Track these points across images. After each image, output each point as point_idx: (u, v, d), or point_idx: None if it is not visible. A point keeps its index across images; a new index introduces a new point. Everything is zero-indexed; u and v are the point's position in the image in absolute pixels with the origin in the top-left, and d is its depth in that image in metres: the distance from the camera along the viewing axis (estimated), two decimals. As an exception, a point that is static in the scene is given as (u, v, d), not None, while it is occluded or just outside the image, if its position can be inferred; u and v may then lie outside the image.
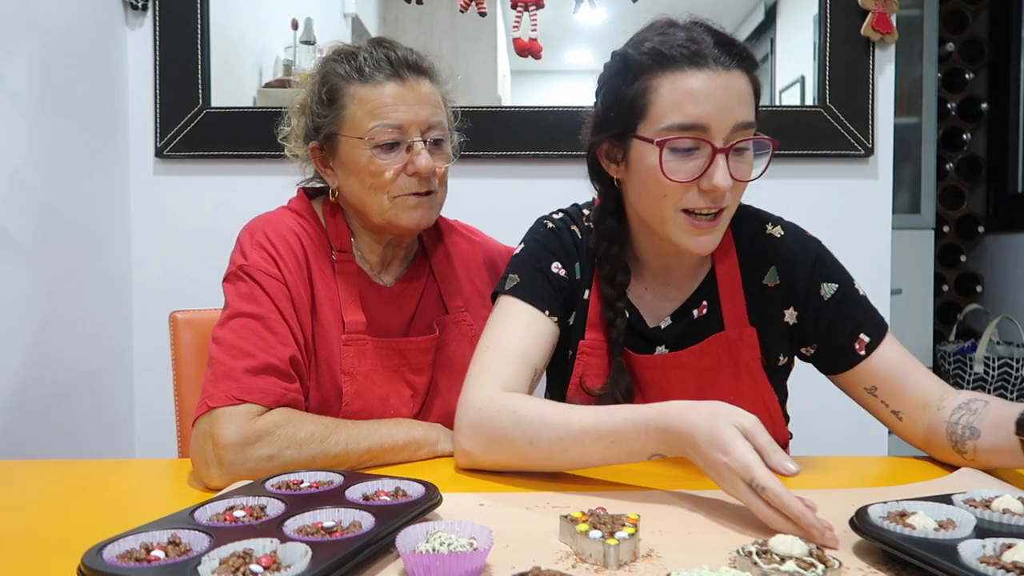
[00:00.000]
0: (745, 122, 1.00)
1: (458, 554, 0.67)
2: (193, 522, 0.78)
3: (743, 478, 0.80)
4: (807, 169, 1.81)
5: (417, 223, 1.16)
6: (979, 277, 3.27)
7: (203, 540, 0.73)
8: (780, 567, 0.66)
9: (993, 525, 0.79)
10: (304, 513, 0.79)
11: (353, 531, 0.75)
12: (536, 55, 1.81)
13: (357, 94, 1.12)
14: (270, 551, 0.70)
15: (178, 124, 1.80)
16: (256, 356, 1.02)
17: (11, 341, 1.34)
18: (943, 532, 0.76)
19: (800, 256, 1.15)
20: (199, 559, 0.67)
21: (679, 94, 0.99)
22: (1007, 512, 0.80)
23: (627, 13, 1.83)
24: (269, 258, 1.10)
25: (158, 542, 0.73)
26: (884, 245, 1.82)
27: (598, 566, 0.72)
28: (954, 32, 3.24)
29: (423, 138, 1.13)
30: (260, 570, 0.66)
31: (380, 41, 1.17)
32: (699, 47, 0.99)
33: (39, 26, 1.45)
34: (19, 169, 1.39)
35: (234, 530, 0.76)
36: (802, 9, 1.87)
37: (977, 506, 0.83)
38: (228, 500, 0.84)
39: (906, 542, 0.73)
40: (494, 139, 1.81)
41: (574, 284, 1.15)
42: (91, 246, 1.62)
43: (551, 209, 1.32)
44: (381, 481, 0.89)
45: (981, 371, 2.81)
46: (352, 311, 1.15)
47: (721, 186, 0.98)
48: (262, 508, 0.82)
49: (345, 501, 0.84)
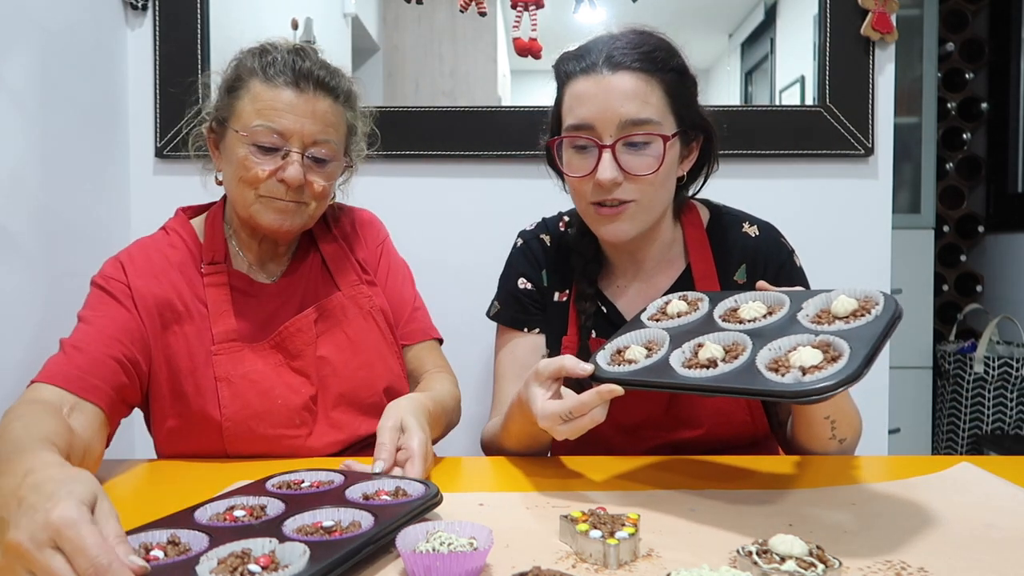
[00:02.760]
0: (633, 119, 1.07)
1: (458, 554, 0.67)
2: (193, 522, 0.78)
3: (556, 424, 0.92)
4: (807, 169, 1.81)
5: (277, 226, 1.16)
6: (979, 277, 3.27)
7: (202, 540, 0.73)
8: (780, 567, 0.66)
9: (678, 331, 0.98)
10: (304, 513, 0.79)
11: (352, 531, 0.76)
12: (536, 55, 1.81)
13: (253, 90, 1.14)
14: (268, 551, 0.70)
15: (178, 124, 1.80)
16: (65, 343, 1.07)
17: (11, 341, 1.34)
18: (654, 355, 0.94)
19: (772, 257, 1.20)
20: (197, 559, 0.68)
21: (572, 99, 1.11)
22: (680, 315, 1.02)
23: (627, 13, 1.83)
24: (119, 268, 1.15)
25: (157, 542, 0.73)
26: (884, 245, 1.82)
27: (598, 566, 0.72)
28: (954, 32, 3.24)
29: (303, 152, 1.13)
30: (258, 570, 0.66)
31: (299, 49, 1.18)
32: (592, 56, 1.10)
33: (39, 26, 1.45)
34: (19, 169, 1.39)
35: (233, 530, 0.76)
36: (802, 9, 1.87)
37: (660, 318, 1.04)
38: (228, 500, 0.85)
39: (637, 376, 0.91)
40: (494, 139, 1.81)
41: (542, 291, 1.27)
42: (91, 246, 1.62)
43: (550, 209, 1.34)
44: (382, 481, 0.89)
45: (981, 371, 2.81)
46: (221, 321, 1.16)
47: (604, 179, 1.08)
48: (262, 508, 0.83)
49: (345, 501, 0.84)
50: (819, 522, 0.85)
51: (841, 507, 0.89)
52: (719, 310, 1.00)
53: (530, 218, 1.35)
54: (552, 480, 1.00)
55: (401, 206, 1.35)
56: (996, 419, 2.83)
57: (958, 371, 2.89)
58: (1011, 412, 2.82)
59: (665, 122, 1.09)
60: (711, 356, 0.89)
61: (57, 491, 0.66)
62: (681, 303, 1.04)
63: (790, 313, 0.93)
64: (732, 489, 0.95)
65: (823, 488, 0.96)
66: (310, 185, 1.15)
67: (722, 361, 0.88)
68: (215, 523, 0.79)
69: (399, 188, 1.76)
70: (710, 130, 1.17)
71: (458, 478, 1.03)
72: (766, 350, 0.87)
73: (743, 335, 0.91)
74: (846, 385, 0.78)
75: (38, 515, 0.64)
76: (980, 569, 0.72)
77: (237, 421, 1.13)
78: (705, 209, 1.26)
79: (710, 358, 0.88)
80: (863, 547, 0.77)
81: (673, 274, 1.22)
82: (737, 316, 0.97)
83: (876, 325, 0.85)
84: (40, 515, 0.64)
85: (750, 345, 0.89)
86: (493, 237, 1.54)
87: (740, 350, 0.89)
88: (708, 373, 0.86)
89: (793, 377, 0.80)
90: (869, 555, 0.75)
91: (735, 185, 1.29)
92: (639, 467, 1.06)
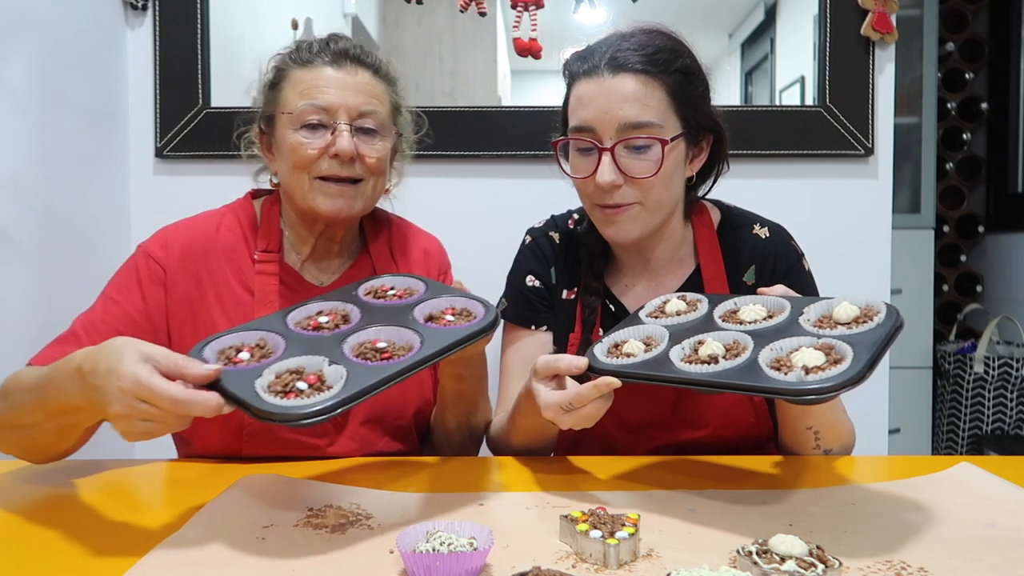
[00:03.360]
0: (633, 122, 1.07)
1: (458, 554, 0.67)
2: (284, 325, 0.94)
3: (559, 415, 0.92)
4: (807, 169, 1.81)
5: (336, 211, 1.15)
6: (979, 277, 3.26)
7: (281, 345, 0.89)
8: (780, 567, 0.66)
9: (677, 328, 0.98)
10: (368, 329, 0.92)
11: (401, 355, 0.87)
12: (536, 55, 1.81)
13: (293, 76, 1.15)
14: (317, 370, 0.84)
15: (178, 124, 1.80)
16: (72, 325, 1.11)
17: (11, 341, 1.34)
18: (653, 350, 0.93)
19: (781, 259, 1.20)
20: (260, 372, 0.82)
21: (575, 100, 1.12)
22: (679, 313, 1.02)
23: (627, 13, 1.83)
24: (164, 247, 1.16)
25: (247, 343, 0.90)
26: (884, 245, 1.82)
27: (598, 566, 0.72)
28: (954, 32, 3.23)
29: (350, 123, 1.13)
30: (305, 387, 0.80)
31: (332, 35, 1.19)
32: (595, 58, 1.10)
33: (39, 26, 1.45)
34: (19, 169, 1.39)
35: (307, 340, 0.91)
36: (802, 9, 1.87)
37: (658, 315, 1.03)
38: (319, 304, 0.99)
39: (635, 369, 0.91)
40: (494, 139, 1.81)
41: (551, 288, 1.26)
42: (91, 246, 1.62)
43: (550, 209, 1.34)
44: (452, 298, 1.00)
45: (981, 371, 2.81)
46: (265, 311, 1.14)
47: (602, 182, 1.08)
48: (344, 317, 0.97)
49: (408, 320, 0.94)
50: (819, 522, 0.85)
51: (841, 507, 0.89)
52: (719, 311, 1.00)
53: (530, 218, 1.35)
54: (552, 480, 1.00)
55: (400, 206, 1.35)
56: (996, 419, 2.83)
57: (958, 371, 2.89)
58: (1011, 412, 2.82)
59: (667, 124, 1.09)
60: (712, 352, 0.89)
61: (111, 363, 0.80)
62: (680, 302, 1.05)
63: (791, 317, 0.94)
64: (732, 489, 0.95)
65: (823, 488, 0.96)
66: (362, 159, 1.14)
67: (722, 358, 0.88)
68: (298, 330, 0.93)
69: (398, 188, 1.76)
70: (719, 131, 1.17)
71: (458, 478, 1.03)
72: (768, 349, 0.87)
73: (744, 335, 0.92)
74: (848, 387, 0.78)
75: (111, 388, 0.79)
76: (980, 569, 0.72)
77: (260, 424, 1.10)
78: (716, 210, 1.26)
79: (711, 354, 0.88)
80: (863, 547, 0.77)
81: (683, 274, 1.21)
82: (737, 318, 0.97)
83: (878, 331, 0.86)
84: (114, 388, 0.79)
85: (751, 345, 0.89)
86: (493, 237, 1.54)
87: (741, 349, 0.89)
88: (709, 368, 0.86)
89: (795, 376, 0.81)
90: (869, 555, 0.75)
91: (735, 185, 1.29)
92: (639, 467, 1.06)
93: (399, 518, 0.85)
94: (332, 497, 0.91)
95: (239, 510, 0.87)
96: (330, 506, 0.88)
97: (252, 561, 0.74)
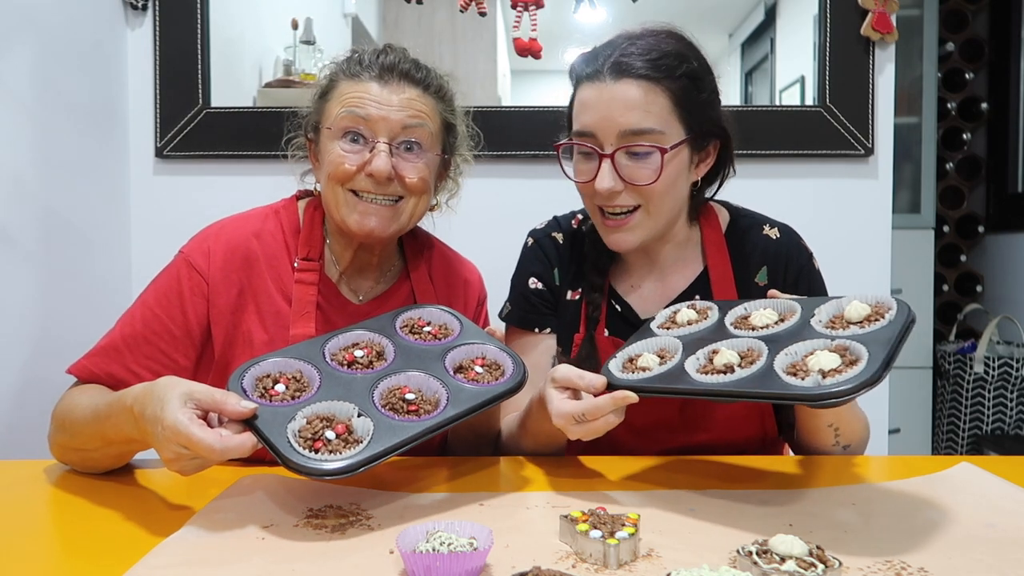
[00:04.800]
0: (634, 129, 1.06)
1: (458, 554, 0.67)
2: (322, 356, 0.97)
3: (571, 424, 0.92)
4: (807, 169, 1.81)
5: (368, 231, 1.12)
6: (979, 277, 3.27)
7: (316, 380, 0.93)
8: (780, 567, 0.66)
9: (689, 338, 0.98)
10: (399, 374, 0.95)
11: (426, 408, 0.91)
12: (536, 55, 1.81)
13: (341, 87, 1.13)
14: (347, 419, 0.88)
15: (178, 124, 1.80)
16: (112, 333, 1.12)
17: (11, 341, 1.34)
18: (668, 362, 0.93)
19: (793, 258, 1.20)
20: (293, 415, 0.86)
21: (578, 105, 1.12)
22: (690, 323, 1.01)
23: (627, 13, 1.83)
24: (205, 256, 1.14)
25: (285, 373, 0.93)
26: (884, 245, 1.82)
27: (598, 566, 0.72)
28: (954, 32, 3.23)
29: (390, 140, 1.11)
30: (333, 437, 0.84)
31: (387, 46, 1.17)
32: (596, 62, 1.09)
33: (39, 26, 1.45)
34: (19, 169, 1.39)
35: (341, 378, 0.94)
36: (802, 9, 1.87)
37: (670, 326, 1.03)
38: (357, 334, 1.02)
39: (652, 383, 0.91)
40: (494, 139, 1.80)
41: (554, 289, 1.25)
42: (91, 246, 1.62)
43: (550, 209, 1.33)
44: (484, 346, 1.02)
45: (981, 371, 2.81)
46: (301, 323, 1.13)
47: (601, 189, 1.08)
48: (379, 353, 0.99)
49: (441, 369, 0.97)
50: (819, 522, 0.85)
51: (841, 507, 0.89)
52: (730, 317, 1.00)
53: (530, 218, 1.35)
54: (552, 480, 1.00)
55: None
56: (996, 419, 2.83)
57: (958, 371, 2.89)
58: (1011, 412, 2.82)
59: (669, 131, 1.07)
60: (727, 362, 0.88)
61: (156, 411, 0.83)
62: (690, 312, 1.04)
63: (803, 319, 0.93)
64: (732, 489, 0.95)
65: (823, 488, 0.96)
66: (401, 179, 1.11)
67: (738, 367, 0.87)
68: (333, 364, 0.96)
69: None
70: (726, 135, 1.15)
71: (458, 478, 1.03)
72: (783, 355, 0.86)
73: (758, 341, 0.91)
74: (867, 388, 0.78)
75: (158, 435, 0.83)
76: (980, 569, 0.72)
77: None
78: (724, 211, 1.25)
79: (727, 364, 0.88)
80: (863, 547, 0.77)
81: (689, 275, 1.20)
82: (749, 323, 0.96)
83: (891, 328, 0.85)
84: (159, 431, 0.83)
85: (765, 351, 0.88)
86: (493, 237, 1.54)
87: (756, 356, 0.89)
88: (726, 378, 0.86)
89: (813, 381, 0.80)
90: (869, 555, 0.75)
91: (735, 185, 1.29)
92: (639, 467, 1.06)
93: (399, 518, 0.85)
94: (332, 497, 0.91)
95: (239, 510, 0.88)
96: (330, 506, 0.88)
97: (252, 561, 0.74)
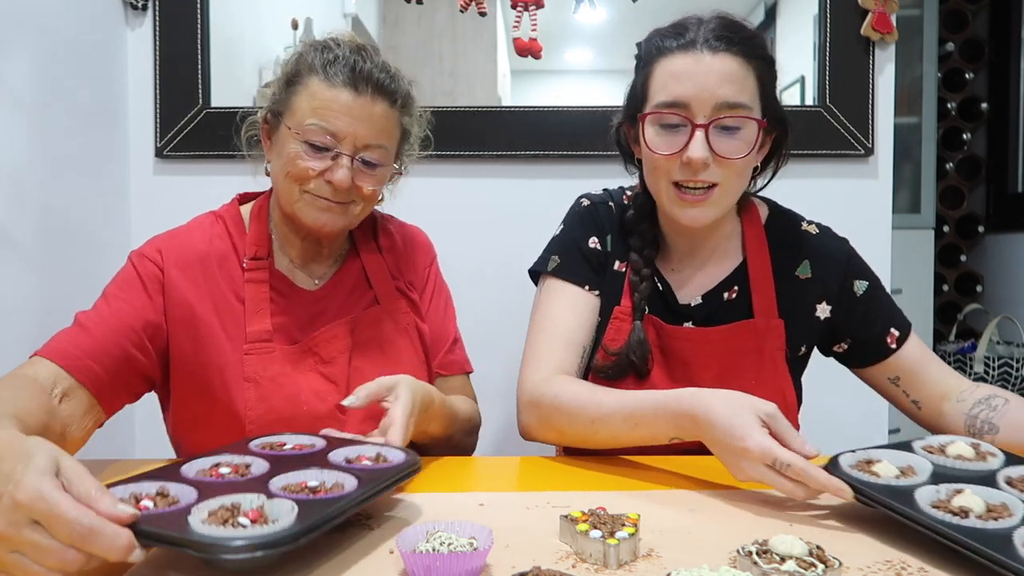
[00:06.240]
0: (730, 102, 1.06)
1: (458, 554, 0.67)
2: (180, 476, 0.79)
3: (764, 462, 0.86)
4: (807, 169, 1.81)
5: (320, 225, 1.14)
6: (979, 277, 3.27)
7: (191, 493, 0.74)
8: (780, 567, 0.66)
9: (947, 471, 0.89)
10: (289, 472, 0.81)
11: (336, 491, 0.78)
12: (536, 55, 1.81)
13: (311, 87, 1.12)
14: (257, 505, 0.72)
15: (178, 124, 1.80)
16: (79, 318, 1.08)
17: (11, 341, 1.34)
18: (904, 479, 0.85)
19: (834, 253, 1.21)
20: (189, 510, 0.69)
21: (666, 75, 1.09)
22: (960, 458, 0.90)
23: (627, 13, 1.83)
24: (158, 253, 1.14)
25: (147, 492, 0.74)
26: (884, 245, 1.82)
27: (598, 566, 0.72)
28: (954, 32, 3.24)
29: (353, 154, 1.12)
30: (248, 523, 0.68)
31: (361, 48, 1.16)
32: (690, 33, 1.08)
33: (39, 26, 1.45)
34: (19, 169, 1.39)
35: (221, 485, 0.78)
36: (802, 9, 1.87)
37: (934, 452, 0.93)
38: (214, 457, 0.86)
39: (871, 488, 0.82)
40: (494, 139, 1.81)
41: (607, 255, 1.23)
42: (91, 246, 1.62)
43: (549, 208, 1.34)
44: (363, 447, 0.91)
45: (981, 371, 2.81)
46: (257, 320, 1.14)
47: (695, 157, 1.06)
48: (247, 466, 0.84)
49: (328, 464, 0.85)
50: (819, 522, 0.85)
51: (841, 507, 0.89)
52: (1013, 472, 0.87)
53: (530, 218, 1.35)
54: (552, 480, 1.00)
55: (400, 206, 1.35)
56: (996, 419, 2.83)
57: (958, 371, 2.88)
58: (1011, 412, 2.82)
59: (756, 109, 1.09)
60: (965, 506, 0.77)
61: (15, 468, 0.64)
62: (966, 447, 0.92)
63: None
64: (732, 489, 0.95)
65: (823, 488, 0.96)
66: (358, 189, 1.13)
67: (976, 517, 0.76)
68: (202, 478, 0.80)
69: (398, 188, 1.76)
70: (787, 124, 1.17)
71: (458, 478, 1.03)
72: None
73: (1017, 501, 0.79)
74: None
75: (4, 499, 0.63)
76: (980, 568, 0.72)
77: (261, 425, 1.11)
78: (764, 206, 1.26)
79: (963, 507, 0.77)
80: (863, 547, 0.77)
81: (729, 266, 1.21)
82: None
83: None
84: (6, 498, 0.63)
85: (1020, 514, 0.76)
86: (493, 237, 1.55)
87: (1005, 514, 0.76)
88: (956, 520, 0.75)
89: None
90: (869, 555, 0.75)
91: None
92: (640, 467, 1.06)
93: (399, 518, 0.85)
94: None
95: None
96: (330, 506, 0.88)
97: (252, 561, 0.74)
